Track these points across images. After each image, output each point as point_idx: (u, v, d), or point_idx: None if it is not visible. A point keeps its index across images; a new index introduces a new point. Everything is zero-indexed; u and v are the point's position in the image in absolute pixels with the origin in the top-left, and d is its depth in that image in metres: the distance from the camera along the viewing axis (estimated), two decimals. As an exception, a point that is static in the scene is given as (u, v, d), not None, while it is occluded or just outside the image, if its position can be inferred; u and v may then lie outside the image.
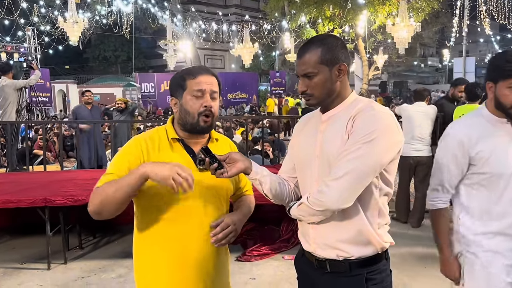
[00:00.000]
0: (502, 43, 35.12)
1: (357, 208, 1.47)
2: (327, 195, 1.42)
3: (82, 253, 4.47)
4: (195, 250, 1.63)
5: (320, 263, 1.57)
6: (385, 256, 1.57)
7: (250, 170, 1.56)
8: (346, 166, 1.40)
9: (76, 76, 28.36)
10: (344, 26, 16.82)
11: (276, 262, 4.14)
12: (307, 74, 1.52)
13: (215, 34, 23.09)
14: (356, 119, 1.45)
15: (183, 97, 1.63)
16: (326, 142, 1.52)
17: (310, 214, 1.49)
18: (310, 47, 1.52)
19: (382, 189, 1.51)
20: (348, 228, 1.50)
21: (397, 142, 1.46)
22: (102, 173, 5.39)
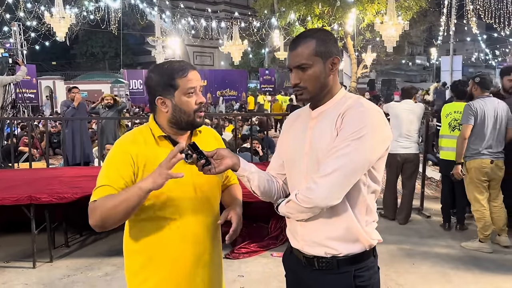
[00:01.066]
0: (488, 42, 35.55)
1: (345, 205, 1.47)
2: (316, 192, 1.41)
3: (68, 251, 4.41)
4: (189, 248, 1.62)
5: (308, 260, 1.57)
6: (373, 253, 1.57)
7: (238, 166, 1.55)
8: (334, 163, 1.39)
9: (63, 73, 28.02)
10: (333, 24, 16.86)
11: (264, 260, 4.13)
12: (301, 66, 1.50)
13: (204, 31, 22.98)
14: (345, 116, 1.44)
15: (175, 96, 1.59)
16: (316, 138, 1.51)
17: (299, 211, 1.48)
18: (303, 39, 1.51)
19: (370, 186, 1.51)
20: (336, 225, 1.49)
21: (385, 139, 1.46)
22: (89, 171, 5.34)
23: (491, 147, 4.19)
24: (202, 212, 1.66)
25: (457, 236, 4.70)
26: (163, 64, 1.66)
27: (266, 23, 20.42)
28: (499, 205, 4.34)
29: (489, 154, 4.18)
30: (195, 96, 1.60)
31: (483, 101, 4.23)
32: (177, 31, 23.47)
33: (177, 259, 1.62)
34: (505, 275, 3.76)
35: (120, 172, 1.53)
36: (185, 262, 1.63)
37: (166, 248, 1.61)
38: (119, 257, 4.22)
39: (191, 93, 1.59)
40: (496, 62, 39.27)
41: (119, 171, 1.54)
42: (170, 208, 1.59)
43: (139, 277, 1.64)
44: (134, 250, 1.65)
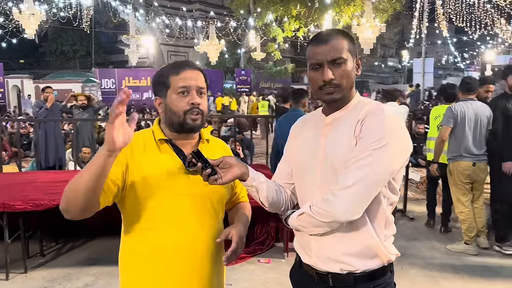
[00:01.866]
0: (457, 45, 36.53)
1: (364, 219, 1.36)
2: (335, 205, 1.30)
3: (43, 261, 4.17)
4: (189, 261, 1.50)
5: (321, 277, 1.46)
6: (390, 268, 1.48)
7: (246, 176, 1.43)
8: (355, 174, 1.29)
9: (32, 71, 27.05)
10: (310, 26, 16.89)
11: (251, 266, 4.02)
12: (335, 61, 1.37)
13: (179, 30, 22.64)
14: (365, 123, 1.34)
15: (167, 96, 1.49)
16: (331, 146, 1.40)
17: (314, 225, 1.37)
18: (333, 34, 1.42)
19: (389, 198, 1.41)
20: (354, 240, 1.39)
21: (407, 148, 1.37)
22: (65, 175, 5.07)
23: (472, 149, 4.23)
24: (202, 227, 1.52)
25: (441, 239, 4.71)
26: (167, 65, 1.59)
27: (242, 23, 20.29)
28: (480, 207, 4.40)
29: (470, 156, 4.24)
30: (189, 96, 1.48)
31: (464, 104, 4.29)
32: (151, 30, 23.03)
33: (176, 276, 1.49)
34: (493, 278, 3.78)
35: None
36: (184, 280, 1.50)
37: (163, 263, 1.48)
38: (97, 266, 4.03)
39: (182, 92, 1.47)
40: (464, 64, 40.42)
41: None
42: (167, 221, 1.47)
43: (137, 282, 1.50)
44: (130, 266, 1.52)
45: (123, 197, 1.47)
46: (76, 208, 1.30)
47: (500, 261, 4.12)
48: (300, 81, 35.04)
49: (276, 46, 18.63)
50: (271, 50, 18.84)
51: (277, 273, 3.86)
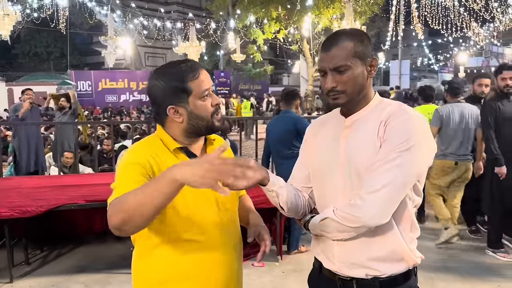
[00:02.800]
0: (431, 48, 37.35)
1: (391, 222, 1.33)
2: (364, 209, 1.26)
3: (29, 269, 4.01)
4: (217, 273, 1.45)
5: (344, 282, 1.42)
6: (415, 272, 1.46)
7: (267, 180, 1.39)
8: (384, 177, 1.26)
9: (4, 73, 26.28)
10: (290, 28, 16.95)
11: (246, 270, 3.90)
12: (338, 68, 1.35)
13: (157, 31, 22.40)
14: (389, 124, 1.31)
15: (190, 103, 1.39)
16: (353, 149, 1.37)
17: (339, 231, 1.33)
18: (340, 38, 1.36)
19: (414, 200, 1.39)
20: (380, 244, 1.36)
21: (433, 149, 1.36)
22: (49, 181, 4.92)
23: (457, 149, 4.38)
24: (227, 231, 1.48)
25: (432, 237, 4.76)
26: (167, 68, 1.44)
27: (222, 25, 20.23)
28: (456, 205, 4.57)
29: (453, 155, 4.39)
30: (210, 98, 1.43)
31: (451, 106, 4.45)
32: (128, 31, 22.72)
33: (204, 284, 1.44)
34: (487, 277, 3.83)
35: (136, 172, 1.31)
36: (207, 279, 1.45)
37: (190, 276, 1.41)
38: (86, 274, 3.91)
39: (206, 95, 1.41)
40: (438, 66, 41.38)
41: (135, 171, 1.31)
42: (194, 228, 1.40)
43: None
44: (151, 275, 1.43)
45: None
46: (133, 227, 1.19)
47: (494, 260, 4.19)
48: (278, 83, 35.20)
49: (256, 48, 18.63)
50: (251, 52, 18.83)
51: (272, 277, 3.82)
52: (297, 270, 3.86)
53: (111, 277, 3.81)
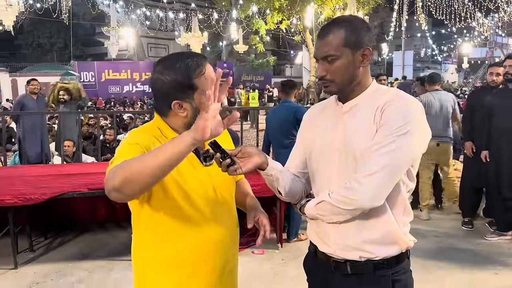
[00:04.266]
0: (435, 38, 37.13)
1: (384, 205, 1.37)
2: (360, 192, 1.30)
3: (33, 256, 4.09)
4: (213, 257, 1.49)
5: (338, 264, 1.46)
6: (407, 255, 1.49)
7: (266, 165, 1.42)
8: (379, 161, 1.29)
9: (8, 64, 26.34)
10: (292, 18, 16.90)
11: (246, 258, 4.02)
12: (327, 57, 1.38)
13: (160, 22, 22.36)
14: (386, 110, 1.34)
15: (195, 99, 1.39)
16: (350, 134, 1.39)
17: (334, 213, 1.37)
18: (333, 27, 1.39)
19: (408, 185, 1.43)
20: (374, 227, 1.40)
21: (428, 135, 1.39)
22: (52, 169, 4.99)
23: (437, 132, 4.80)
24: (223, 217, 1.52)
25: (430, 226, 4.82)
26: (173, 62, 1.41)
27: (224, 16, 20.16)
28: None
29: (435, 138, 4.71)
30: None
31: (430, 94, 4.96)
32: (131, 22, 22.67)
33: (201, 269, 1.48)
34: (482, 264, 3.88)
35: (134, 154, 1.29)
36: (209, 271, 1.49)
37: (185, 259, 1.46)
38: (90, 261, 3.98)
39: None
40: (442, 57, 41.17)
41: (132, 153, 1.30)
42: (192, 213, 1.44)
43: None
44: (148, 262, 1.49)
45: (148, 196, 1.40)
46: (133, 190, 1.18)
47: (492, 249, 4.24)
48: (281, 73, 35.10)
49: (259, 39, 18.58)
50: (254, 42, 18.79)
51: (272, 264, 3.89)
52: (297, 257, 3.92)
53: (113, 263, 3.88)
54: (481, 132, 4.49)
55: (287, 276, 3.61)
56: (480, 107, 4.54)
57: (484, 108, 4.48)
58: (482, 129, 4.47)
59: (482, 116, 4.49)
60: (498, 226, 4.46)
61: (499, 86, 4.48)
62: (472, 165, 4.67)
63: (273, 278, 3.64)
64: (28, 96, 6.72)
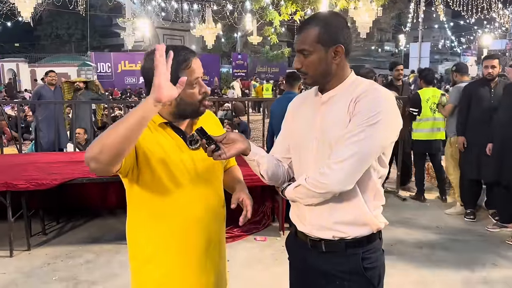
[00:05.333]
0: (454, 29, 36.45)
1: (356, 190, 1.47)
2: (330, 177, 1.40)
3: (46, 239, 4.29)
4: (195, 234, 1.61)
5: (314, 243, 1.57)
6: (379, 235, 1.59)
7: (249, 150, 1.53)
8: (349, 149, 1.39)
9: (27, 55, 26.89)
10: (307, 9, 16.81)
11: (248, 244, 4.15)
12: (302, 51, 1.49)
13: (175, 13, 22.49)
14: (359, 101, 1.42)
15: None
16: (326, 123, 1.49)
17: (309, 196, 1.47)
18: (310, 24, 1.48)
19: (379, 171, 1.51)
20: (345, 210, 1.50)
21: (398, 125, 1.47)
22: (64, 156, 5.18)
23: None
24: (207, 197, 1.64)
25: (432, 216, 4.86)
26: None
27: (238, 7, 20.17)
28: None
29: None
30: (198, 86, 1.55)
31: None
32: (147, 13, 22.86)
33: (185, 246, 1.61)
34: (482, 255, 3.93)
35: None
36: (193, 248, 1.62)
37: (172, 235, 1.58)
38: (98, 244, 4.15)
39: (195, 84, 1.54)
40: (461, 49, 40.40)
41: None
42: (176, 192, 1.57)
43: (147, 266, 1.62)
44: (139, 239, 1.62)
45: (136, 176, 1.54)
46: (109, 156, 1.26)
47: (489, 239, 4.27)
48: (296, 65, 34.94)
49: (273, 30, 18.56)
50: (268, 34, 18.78)
51: (273, 250, 4.00)
52: (297, 245, 4.02)
53: (120, 247, 4.05)
54: (481, 124, 4.49)
55: (286, 261, 3.69)
56: (478, 100, 4.54)
57: (484, 100, 4.49)
58: (482, 122, 4.47)
59: (482, 109, 4.50)
60: (500, 218, 4.49)
61: (495, 78, 4.49)
62: (469, 158, 4.69)
63: (273, 263, 3.75)
64: (46, 87, 6.95)
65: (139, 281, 1.65)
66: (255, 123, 11.56)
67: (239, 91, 18.62)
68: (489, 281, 3.44)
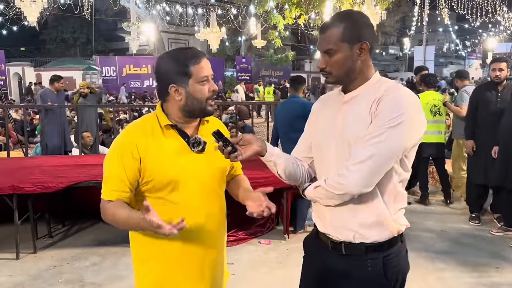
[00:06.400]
0: (459, 33, 36.36)
1: (376, 192, 1.46)
2: (348, 178, 1.40)
3: (52, 242, 4.32)
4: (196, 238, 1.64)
5: (335, 245, 1.56)
6: (400, 238, 1.58)
7: (265, 151, 1.54)
8: (369, 150, 1.38)
9: (33, 59, 27.06)
10: (311, 13, 16.85)
11: (253, 247, 4.16)
12: (327, 51, 1.48)
13: (180, 17, 22.57)
14: (381, 102, 1.41)
15: (189, 85, 1.57)
16: (347, 124, 1.49)
17: (328, 197, 1.48)
18: (333, 22, 1.48)
19: (400, 174, 1.50)
20: (365, 212, 1.49)
21: (421, 127, 1.45)
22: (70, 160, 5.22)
23: None
24: (208, 204, 1.66)
25: (438, 220, 4.85)
26: (176, 51, 1.63)
27: (243, 11, 20.23)
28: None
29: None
30: (208, 84, 1.59)
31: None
32: (151, 17, 22.95)
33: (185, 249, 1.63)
34: (486, 259, 3.92)
35: (123, 166, 1.56)
36: (193, 250, 1.64)
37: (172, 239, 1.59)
38: (104, 247, 4.17)
39: (204, 81, 1.58)
40: (466, 52, 40.28)
41: (123, 166, 1.55)
42: (179, 197, 1.60)
43: (147, 264, 1.65)
44: (142, 238, 1.65)
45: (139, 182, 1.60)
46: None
47: (493, 243, 4.27)
48: (300, 69, 34.99)
49: (277, 34, 18.60)
50: (272, 37, 18.83)
51: (277, 253, 4.01)
52: (302, 249, 4.02)
53: (126, 249, 4.06)
54: (488, 128, 4.48)
55: (290, 264, 3.71)
56: (485, 103, 4.53)
57: (491, 104, 4.49)
58: (489, 125, 4.47)
59: (488, 112, 4.49)
60: (505, 222, 4.47)
61: (503, 82, 4.47)
62: (476, 161, 4.67)
63: (276, 266, 3.76)
64: (48, 90, 7.03)
65: (139, 282, 1.69)
66: (259, 127, 11.58)
67: (243, 95, 18.63)
68: (493, 285, 3.43)
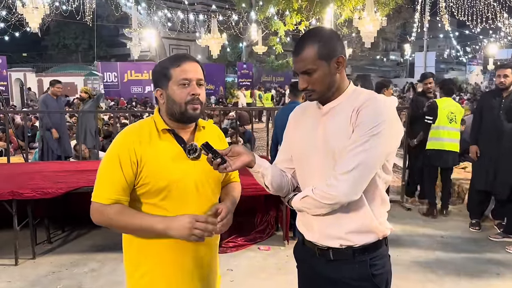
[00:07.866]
0: (459, 39, 36.43)
1: (362, 199, 1.49)
2: (338, 188, 1.43)
3: (51, 248, 4.32)
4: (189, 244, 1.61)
5: (322, 251, 1.59)
6: (385, 242, 1.61)
7: (253, 163, 1.57)
8: (355, 159, 1.41)
9: (34, 65, 27.16)
10: (311, 19, 16.93)
11: (252, 253, 4.15)
12: (306, 71, 1.51)
13: (181, 23, 22.68)
14: (361, 111, 1.45)
15: (168, 87, 1.58)
16: (330, 135, 1.51)
17: (317, 207, 1.50)
18: (306, 43, 1.50)
19: (383, 178, 1.54)
20: (352, 218, 1.52)
21: (400, 132, 1.51)
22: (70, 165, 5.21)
23: None
24: (201, 208, 1.64)
25: (436, 228, 4.84)
26: (167, 57, 1.65)
27: (244, 17, 20.33)
28: None
29: None
30: (189, 87, 1.57)
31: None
32: (153, 23, 23.06)
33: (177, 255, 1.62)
34: (485, 266, 3.91)
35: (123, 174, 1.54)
36: (184, 257, 1.63)
37: (163, 244, 1.60)
38: (103, 253, 4.16)
39: (184, 84, 1.56)
40: (466, 58, 40.33)
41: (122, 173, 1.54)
42: (171, 203, 1.59)
43: (140, 270, 1.64)
44: (133, 244, 1.64)
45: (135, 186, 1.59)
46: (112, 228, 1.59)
47: (493, 249, 4.25)
48: (301, 74, 35.01)
49: (278, 40, 18.68)
50: (273, 43, 18.91)
51: (276, 259, 3.99)
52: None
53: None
54: (491, 135, 4.46)
55: (290, 270, 3.68)
56: (489, 109, 4.53)
57: (494, 110, 4.46)
58: (492, 132, 4.45)
59: (491, 119, 4.46)
60: (506, 228, 4.46)
61: (508, 88, 4.45)
62: (479, 167, 4.66)
63: (276, 272, 3.75)
64: (49, 96, 7.05)
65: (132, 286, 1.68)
66: (260, 132, 11.59)
67: (244, 100, 18.67)
68: (494, 292, 3.42)
